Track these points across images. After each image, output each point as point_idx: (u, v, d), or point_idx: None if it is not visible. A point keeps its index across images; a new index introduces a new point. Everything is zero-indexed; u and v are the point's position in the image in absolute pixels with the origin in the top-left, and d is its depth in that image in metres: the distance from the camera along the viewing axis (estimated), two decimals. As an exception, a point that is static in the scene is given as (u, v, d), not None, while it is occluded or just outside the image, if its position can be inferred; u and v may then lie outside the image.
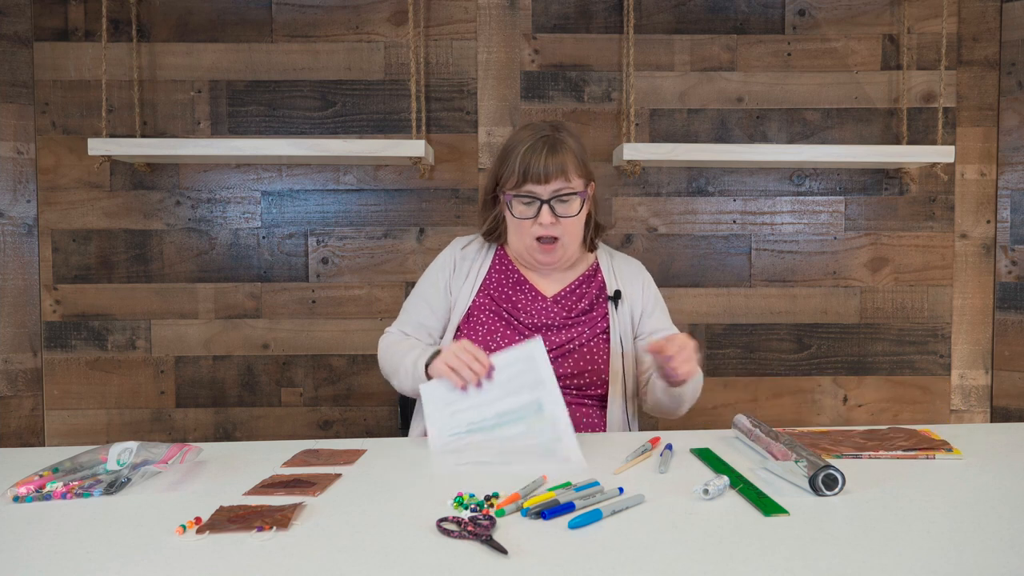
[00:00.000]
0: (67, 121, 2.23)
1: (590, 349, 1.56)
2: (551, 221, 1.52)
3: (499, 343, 1.55)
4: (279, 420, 2.29)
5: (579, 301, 1.62)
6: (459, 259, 1.68)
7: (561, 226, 1.54)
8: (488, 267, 1.66)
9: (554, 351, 1.55)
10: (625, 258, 1.74)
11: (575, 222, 1.56)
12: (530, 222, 1.54)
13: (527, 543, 0.88)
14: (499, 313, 1.60)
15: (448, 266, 1.68)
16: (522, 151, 1.51)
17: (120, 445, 1.16)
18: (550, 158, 1.50)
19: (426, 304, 1.66)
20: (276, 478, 1.14)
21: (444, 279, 1.66)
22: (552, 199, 1.51)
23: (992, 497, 1.03)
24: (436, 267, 1.69)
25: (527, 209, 1.53)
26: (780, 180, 2.30)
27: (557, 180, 1.51)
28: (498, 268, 1.66)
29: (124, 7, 2.20)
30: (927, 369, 2.33)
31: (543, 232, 1.53)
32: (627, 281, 1.67)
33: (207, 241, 2.27)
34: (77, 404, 2.27)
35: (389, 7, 2.25)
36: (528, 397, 1.28)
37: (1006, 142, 2.28)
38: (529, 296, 1.62)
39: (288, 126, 2.25)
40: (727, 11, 2.27)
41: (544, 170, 1.49)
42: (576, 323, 1.59)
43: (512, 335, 1.56)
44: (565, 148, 1.53)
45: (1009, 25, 2.27)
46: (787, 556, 0.83)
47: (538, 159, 1.50)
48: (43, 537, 0.92)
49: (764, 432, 1.24)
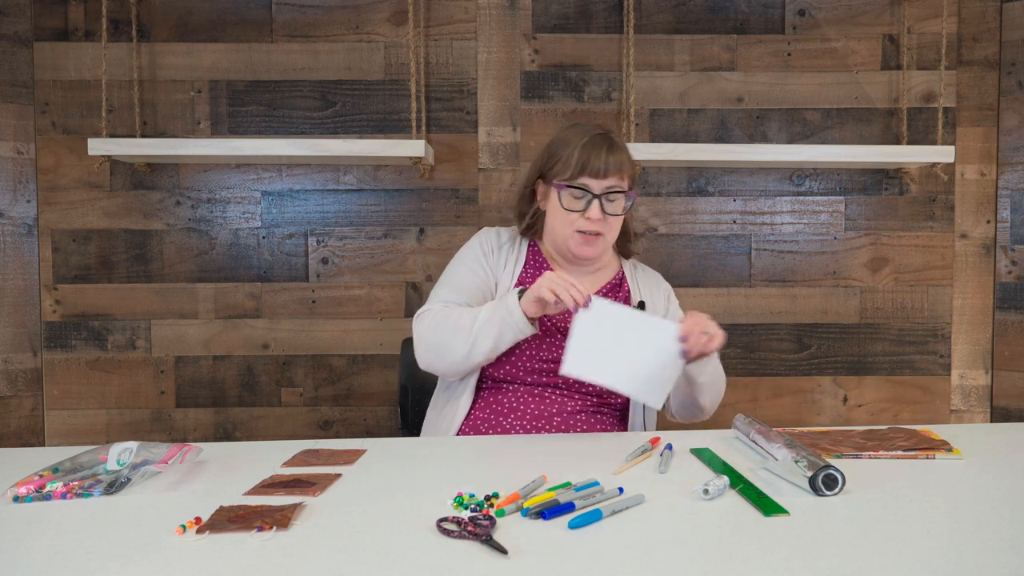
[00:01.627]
0: (67, 121, 2.23)
1: None
2: (599, 216, 1.53)
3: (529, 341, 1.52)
4: (279, 420, 2.30)
5: None
6: (495, 246, 1.65)
7: (606, 223, 1.55)
8: (524, 260, 1.64)
9: None
10: (646, 269, 1.75)
11: (618, 221, 1.58)
12: (577, 215, 1.54)
13: (527, 543, 0.88)
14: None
15: (487, 249, 1.64)
16: (580, 144, 1.53)
17: (120, 445, 1.16)
18: (609, 155, 1.52)
19: (471, 274, 1.60)
20: (276, 478, 1.14)
21: (484, 260, 1.62)
22: (603, 195, 1.53)
23: (992, 497, 1.03)
24: (473, 248, 1.65)
25: (577, 202, 1.54)
26: (780, 180, 2.30)
27: (612, 177, 1.53)
28: (532, 263, 1.64)
29: (124, 7, 2.20)
30: (927, 369, 2.33)
31: (588, 227, 1.54)
32: (650, 292, 1.67)
33: (207, 241, 2.27)
34: (77, 404, 2.27)
35: (389, 7, 2.25)
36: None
37: (1006, 142, 2.28)
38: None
39: (288, 126, 2.25)
40: (727, 11, 2.27)
41: (604, 165, 1.52)
42: None
43: (543, 337, 1.54)
44: (621, 148, 1.56)
45: (1009, 25, 2.27)
46: (787, 556, 0.83)
47: (598, 154, 1.52)
48: (43, 537, 0.92)
49: (764, 432, 1.24)
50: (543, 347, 1.53)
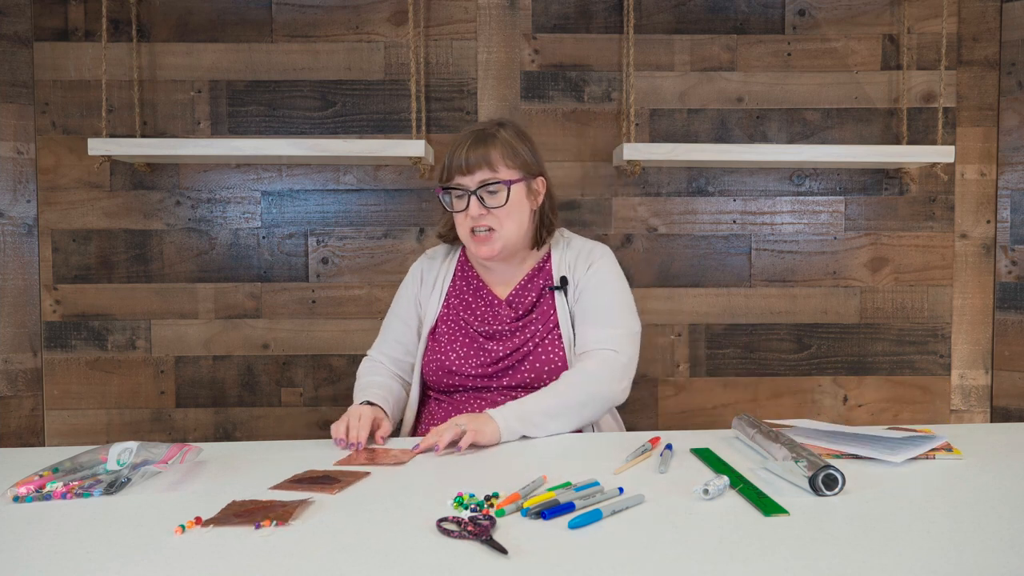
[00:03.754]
0: (67, 121, 2.23)
1: (544, 349, 1.56)
2: (479, 212, 1.54)
3: (459, 352, 1.58)
4: (279, 420, 2.29)
5: (527, 296, 1.62)
6: (426, 270, 1.72)
7: (494, 217, 1.54)
8: (452, 275, 1.69)
9: (507, 358, 1.56)
10: (583, 242, 1.68)
11: (507, 212, 1.55)
12: (463, 215, 1.56)
13: (527, 543, 0.88)
14: (459, 323, 1.63)
15: (416, 280, 1.72)
16: (454, 147, 1.57)
17: (120, 445, 1.16)
18: (472, 150, 1.53)
19: (400, 321, 1.70)
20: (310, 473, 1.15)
21: (413, 293, 1.71)
22: (479, 189, 1.53)
23: (992, 497, 1.03)
24: (406, 283, 1.74)
25: (459, 202, 1.56)
26: (780, 180, 2.30)
27: (481, 171, 1.54)
28: (460, 275, 1.69)
29: (124, 7, 2.20)
30: (927, 369, 2.33)
31: (475, 223, 1.55)
32: (577, 266, 1.63)
33: (207, 241, 2.27)
34: (77, 404, 2.27)
35: (389, 7, 2.25)
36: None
37: (1006, 142, 2.28)
38: (485, 301, 1.64)
39: (288, 126, 2.25)
40: (727, 11, 2.27)
41: (466, 161, 1.53)
42: (527, 323, 1.59)
43: (470, 344, 1.59)
44: (493, 140, 1.56)
45: (1009, 25, 2.27)
46: (787, 556, 0.83)
47: (461, 151, 1.54)
48: (43, 537, 0.92)
49: (764, 432, 1.24)
50: (473, 351, 1.59)
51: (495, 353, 1.57)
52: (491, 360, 1.57)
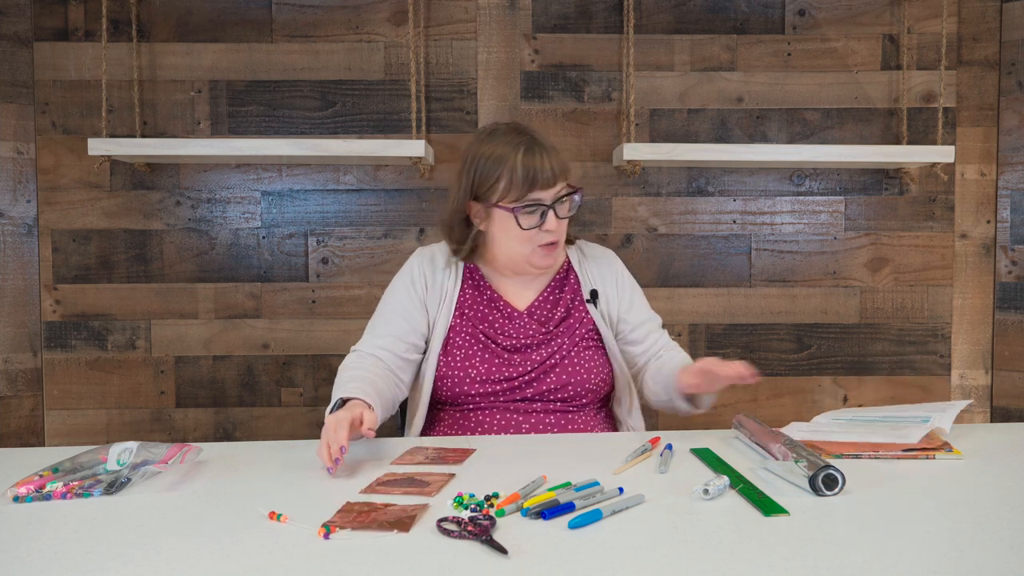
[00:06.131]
0: (67, 121, 2.23)
1: (571, 360, 1.52)
2: (556, 226, 1.47)
3: (478, 369, 1.49)
4: (279, 420, 2.29)
5: (555, 308, 1.56)
6: (430, 272, 1.57)
7: (561, 228, 1.50)
8: (460, 284, 1.56)
9: (536, 370, 1.50)
10: (594, 249, 1.67)
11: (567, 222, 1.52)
12: (535, 231, 1.46)
13: (527, 543, 0.88)
14: (476, 336, 1.52)
15: (419, 282, 1.56)
16: (518, 158, 1.43)
17: (120, 445, 1.16)
18: (550, 160, 1.45)
19: (402, 318, 1.53)
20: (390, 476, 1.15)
21: (419, 295, 1.55)
22: (555, 203, 1.46)
23: (992, 497, 1.03)
24: (406, 282, 1.57)
25: (532, 218, 1.45)
26: (780, 180, 2.30)
27: (560, 182, 1.47)
28: (470, 285, 1.57)
29: (124, 7, 2.20)
30: (927, 369, 2.33)
31: (549, 238, 1.47)
32: (601, 278, 1.61)
33: (207, 241, 2.27)
34: (77, 404, 2.27)
35: (389, 7, 2.25)
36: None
37: (1006, 142, 2.28)
38: (504, 313, 1.55)
39: (288, 126, 2.25)
40: (727, 11, 2.27)
41: (551, 173, 1.44)
42: (554, 335, 1.53)
43: (491, 359, 1.50)
44: (553, 147, 1.49)
45: (1009, 25, 2.27)
46: (787, 556, 0.83)
47: (542, 163, 1.43)
48: (43, 537, 0.92)
49: (764, 432, 1.24)
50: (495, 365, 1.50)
51: (522, 366, 1.50)
52: (517, 373, 1.50)
